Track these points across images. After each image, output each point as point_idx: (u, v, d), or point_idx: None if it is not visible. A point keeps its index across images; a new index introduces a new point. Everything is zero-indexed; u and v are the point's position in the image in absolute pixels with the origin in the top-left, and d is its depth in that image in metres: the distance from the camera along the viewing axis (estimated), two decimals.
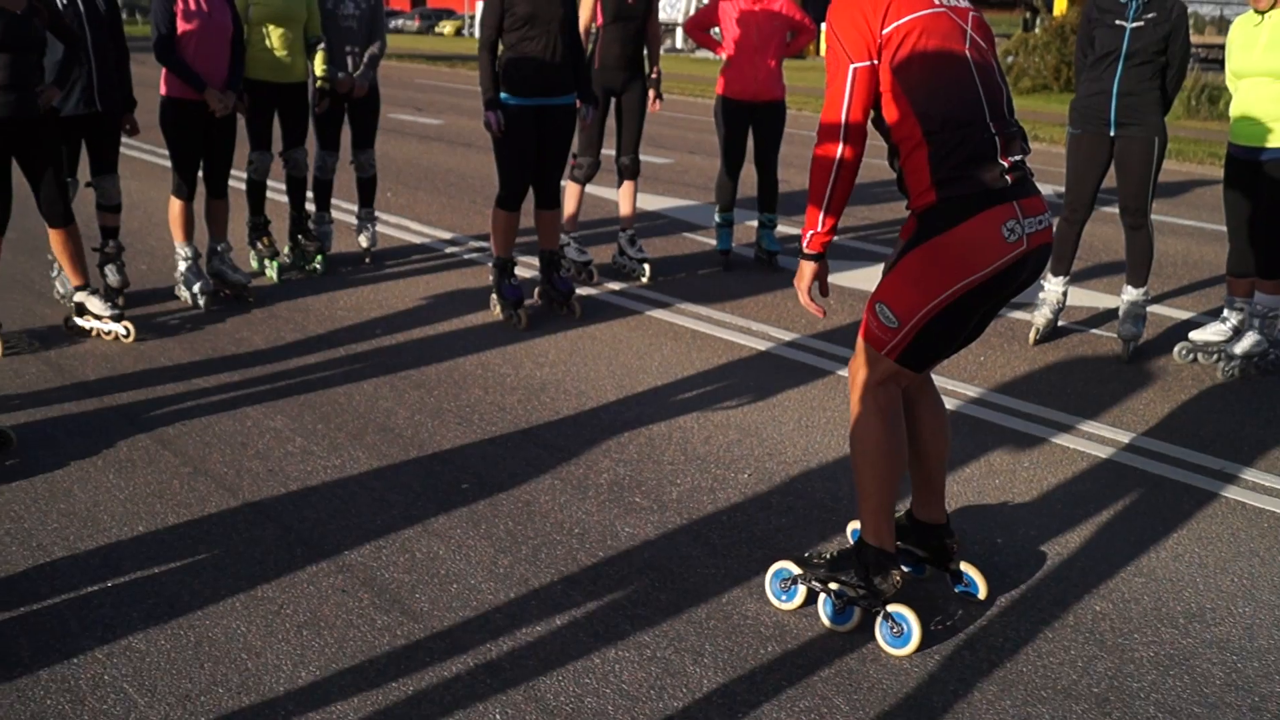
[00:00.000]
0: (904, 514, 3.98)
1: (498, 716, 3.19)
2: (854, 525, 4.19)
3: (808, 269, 3.59)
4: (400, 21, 69.11)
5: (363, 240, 8.17)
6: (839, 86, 3.36)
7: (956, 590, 3.90)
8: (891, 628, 3.55)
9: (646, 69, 7.80)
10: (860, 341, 3.59)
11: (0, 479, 4.56)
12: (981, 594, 3.87)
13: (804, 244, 3.56)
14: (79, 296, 6.31)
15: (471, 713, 3.20)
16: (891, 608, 3.56)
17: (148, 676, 3.31)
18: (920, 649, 3.52)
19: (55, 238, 6.10)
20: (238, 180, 7.52)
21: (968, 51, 3.39)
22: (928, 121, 3.34)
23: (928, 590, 3.91)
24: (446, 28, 66.30)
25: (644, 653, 3.51)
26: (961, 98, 3.35)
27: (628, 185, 7.87)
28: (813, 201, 3.46)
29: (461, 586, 3.84)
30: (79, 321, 6.34)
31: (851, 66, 3.34)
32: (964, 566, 3.90)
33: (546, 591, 3.83)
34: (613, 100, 7.67)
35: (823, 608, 3.70)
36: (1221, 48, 6.43)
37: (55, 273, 6.75)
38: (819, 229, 3.49)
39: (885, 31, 3.32)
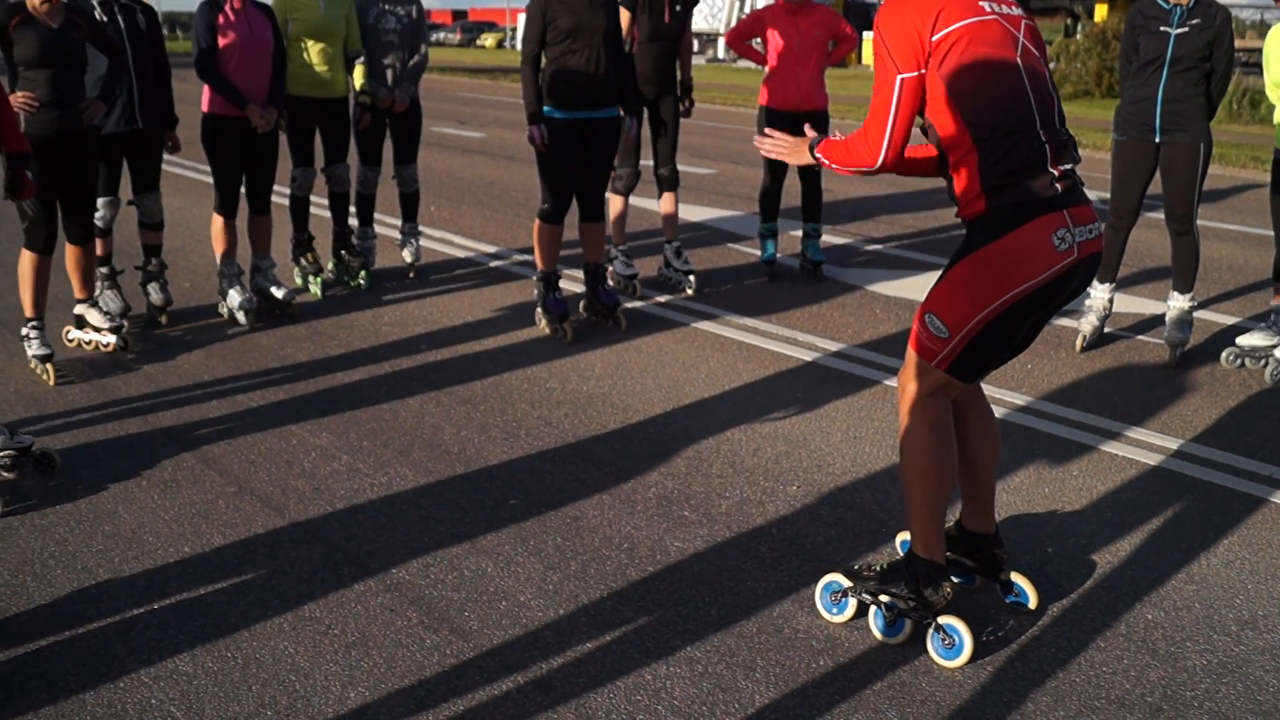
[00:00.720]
0: (953, 524, 3.94)
1: None
2: (903, 536, 4.12)
3: (801, 145, 3.69)
4: (442, 34, 69.63)
5: (406, 255, 8.15)
6: (886, 96, 3.33)
7: (1007, 601, 3.85)
8: (943, 639, 3.49)
9: (682, 77, 7.76)
10: (910, 353, 3.54)
11: (45, 501, 4.55)
12: (1032, 604, 3.82)
13: (816, 150, 3.61)
14: (79, 309, 6.33)
15: None
16: (943, 619, 3.51)
17: (195, 700, 3.28)
18: (972, 660, 3.46)
19: (72, 253, 6.12)
20: (280, 196, 7.53)
21: (1019, 59, 3.34)
22: (977, 129, 3.29)
23: (978, 601, 3.84)
24: (488, 40, 66.63)
25: (695, 669, 3.45)
26: (1012, 105, 3.29)
27: (668, 196, 7.82)
28: (839, 156, 3.52)
29: (510, 604, 3.79)
30: (80, 335, 6.35)
31: (899, 77, 3.29)
32: (1014, 576, 3.86)
33: (596, 607, 3.78)
34: (645, 112, 7.61)
35: (873, 620, 3.65)
36: (1262, 51, 6.34)
37: (98, 292, 6.75)
38: (829, 165, 3.57)
39: (935, 38, 3.27)
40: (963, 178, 3.36)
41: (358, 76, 7.32)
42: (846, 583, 3.70)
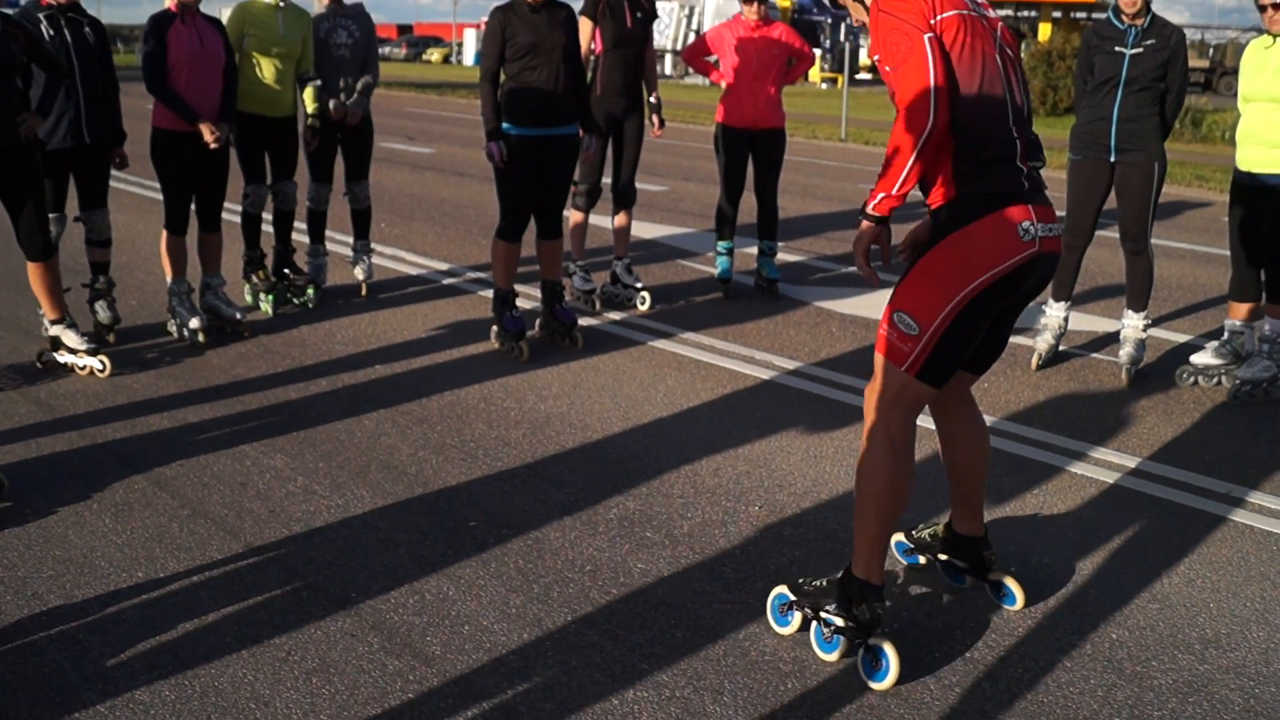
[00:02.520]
0: (944, 527, 4.03)
1: None
2: (898, 537, 4.25)
3: (869, 231, 3.52)
4: (388, 49, 69.20)
5: (359, 273, 8.07)
6: (919, 57, 3.29)
7: (996, 600, 3.95)
8: (870, 661, 3.50)
9: (645, 95, 7.75)
10: (879, 360, 3.54)
11: None
12: (1019, 603, 3.91)
13: (870, 205, 3.47)
14: (54, 330, 6.21)
15: None
16: (872, 640, 3.52)
17: None
18: (898, 683, 3.45)
19: (34, 271, 6.01)
20: (230, 214, 7.42)
21: (997, 55, 3.41)
22: (959, 118, 3.35)
23: (942, 620, 3.82)
24: (434, 55, 66.39)
25: (663, 692, 3.42)
26: (990, 100, 3.36)
27: (622, 213, 7.80)
28: (893, 166, 3.37)
29: (474, 628, 3.74)
30: (55, 356, 6.24)
31: (925, 36, 3.30)
32: (1002, 577, 3.95)
33: (561, 631, 3.73)
34: (611, 127, 7.59)
35: (812, 635, 3.66)
36: (1203, 70, 6.45)
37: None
38: (893, 192, 3.40)
39: (934, 20, 3.32)
40: (937, 163, 3.41)
41: (308, 98, 7.26)
42: (792, 596, 3.72)
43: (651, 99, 7.87)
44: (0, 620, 3.75)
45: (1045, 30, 30.43)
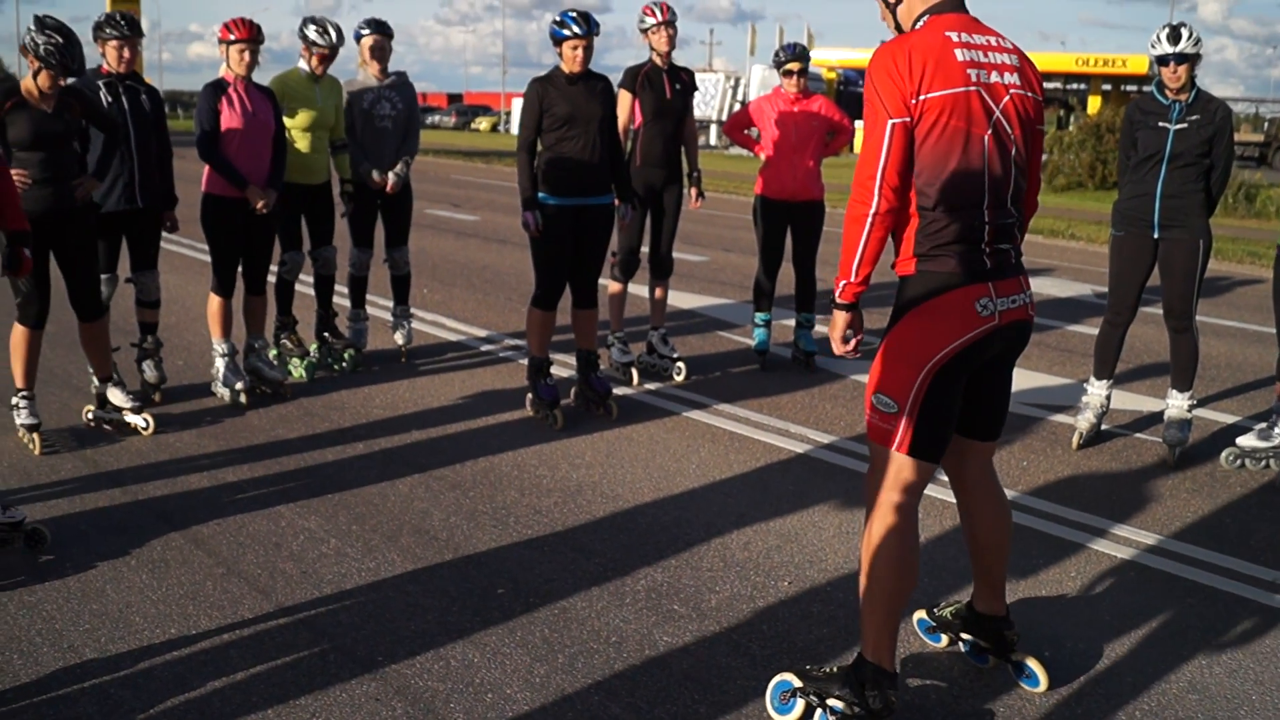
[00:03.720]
0: (965, 605, 4.02)
1: None
2: (919, 615, 4.24)
3: (840, 318, 3.60)
4: (436, 118, 70.40)
5: (399, 338, 8.19)
6: (877, 140, 3.36)
7: (1020, 681, 3.90)
8: None
9: (685, 168, 7.85)
10: (871, 447, 3.58)
11: (33, 578, 4.53)
12: (1042, 685, 3.88)
13: (836, 293, 3.56)
14: (101, 388, 6.33)
15: None
16: None
17: None
18: None
19: (85, 331, 6.14)
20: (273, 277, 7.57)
21: (987, 137, 3.39)
22: (924, 198, 3.40)
23: (969, 702, 3.80)
24: (482, 124, 67.44)
25: None
26: (964, 184, 3.38)
27: (660, 284, 7.87)
28: (846, 251, 3.46)
29: (496, 696, 3.76)
30: (99, 413, 6.34)
31: (890, 122, 3.35)
32: (1025, 658, 3.92)
33: (584, 702, 3.74)
34: (650, 198, 7.68)
35: None
36: (1257, 145, 6.41)
37: (15, 399, 6.30)
38: (852, 279, 3.48)
39: (914, 102, 3.34)
40: (900, 237, 3.49)
41: (343, 166, 7.42)
42: (797, 683, 3.68)
43: (693, 173, 7.97)
44: (36, 671, 3.81)
45: (1095, 103, 30.42)
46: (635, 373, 7.79)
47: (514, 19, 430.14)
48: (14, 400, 6.00)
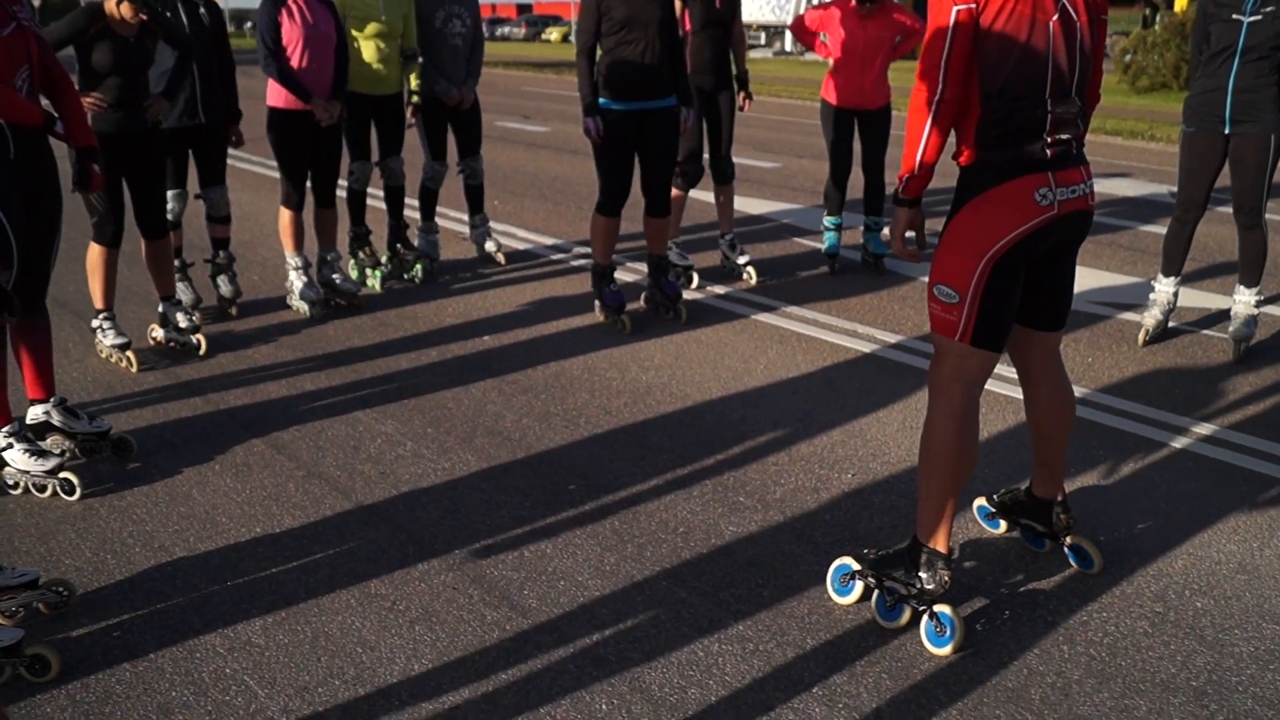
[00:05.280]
0: (1024, 490, 4.10)
1: (604, 706, 3.24)
2: (980, 502, 4.34)
3: (903, 215, 3.65)
4: (507, 29, 69.99)
5: (489, 246, 8.39)
6: (942, 27, 3.37)
7: (1074, 563, 4.00)
8: (935, 627, 3.56)
9: (737, 70, 7.83)
10: (935, 338, 3.63)
11: (122, 483, 4.73)
12: (1096, 567, 3.97)
13: (900, 188, 3.59)
14: (163, 307, 6.47)
15: (578, 702, 3.26)
16: (937, 607, 3.58)
17: (267, 670, 3.42)
18: (960, 650, 3.51)
19: (150, 249, 6.26)
20: (344, 190, 7.70)
21: (1053, 23, 3.38)
22: (987, 86, 3.40)
23: (1024, 583, 3.88)
24: (553, 34, 66.86)
25: (746, 646, 3.54)
26: (1028, 73, 3.38)
27: (723, 189, 7.89)
28: (910, 143, 3.48)
29: (568, 583, 3.90)
30: (168, 333, 6.47)
31: (956, 8, 3.35)
32: (1080, 541, 4.00)
33: (651, 587, 3.87)
34: (701, 104, 7.68)
35: (875, 604, 3.73)
36: None
37: (97, 321, 6.40)
38: (916, 172, 3.52)
39: None
40: (962, 127, 3.50)
41: (413, 77, 7.48)
42: (856, 566, 3.78)
43: (740, 75, 7.94)
44: (130, 570, 4.01)
45: (1180, 2, 29.47)
46: (695, 275, 7.84)
47: None
48: (97, 323, 6.19)
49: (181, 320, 6.40)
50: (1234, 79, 6.01)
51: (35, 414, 4.93)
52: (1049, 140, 3.42)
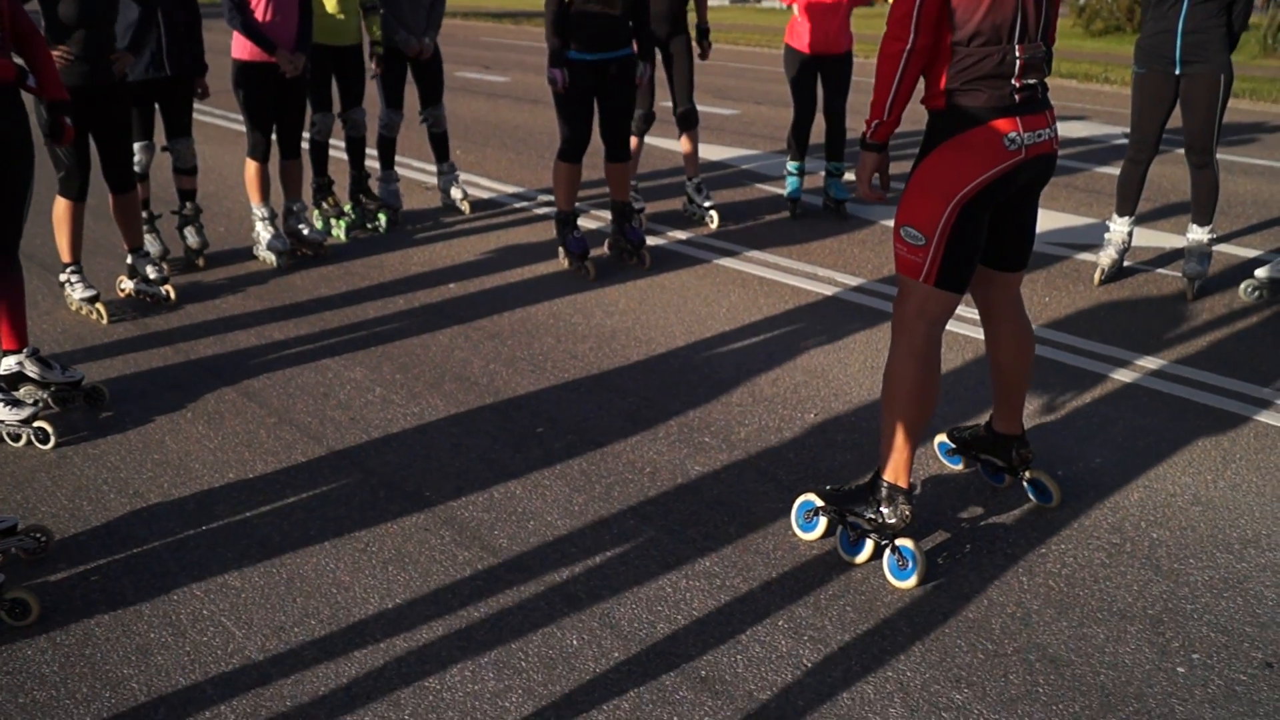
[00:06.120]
0: (984, 426, 4.21)
1: (574, 641, 3.34)
2: (941, 438, 4.46)
3: (869, 159, 3.71)
4: None
5: (455, 194, 8.44)
6: None
7: (1032, 497, 4.10)
8: (897, 560, 3.66)
9: (698, 20, 7.87)
10: (899, 279, 3.70)
11: (96, 432, 4.78)
12: (1054, 500, 4.08)
13: (868, 134, 3.66)
14: (131, 259, 6.50)
15: (549, 638, 3.35)
16: (899, 541, 3.68)
17: (244, 611, 3.50)
18: (922, 583, 3.62)
19: (117, 202, 6.28)
20: (307, 141, 7.70)
21: None
22: (958, 32, 3.47)
23: (984, 517, 4.00)
24: None
25: (713, 582, 3.64)
26: (998, 16, 3.44)
27: (686, 135, 7.94)
28: (879, 89, 3.54)
29: (538, 523, 3.99)
30: (137, 285, 6.50)
31: None
32: (1039, 475, 4.11)
33: (619, 526, 3.97)
34: (658, 53, 7.71)
35: (839, 539, 3.83)
36: None
37: (65, 275, 6.46)
38: (885, 118, 3.58)
39: None
40: (932, 73, 3.56)
41: (374, 27, 7.49)
42: (819, 502, 3.88)
43: (701, 27, 7.99)
44: (106, 515, 4.08)
45: None
46: (644, 219, 7.88)
47: None
48: (64, 276, 6.21)
49: (150, 272, 6.42)
50: (1183, 21, 6.09)
51: (9, 364, 4.97)
52: (1017, 85, 3.49)
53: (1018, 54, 3.47)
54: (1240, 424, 4.78)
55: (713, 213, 8.00)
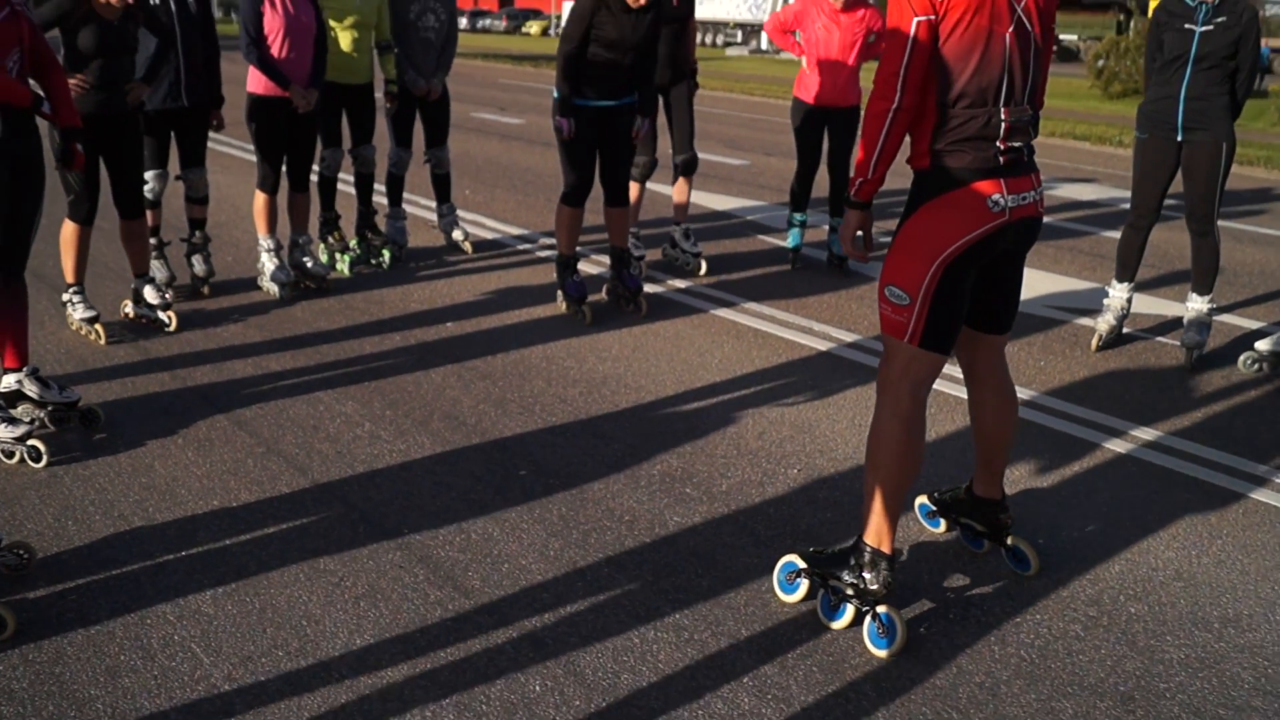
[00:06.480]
0: (964, 489, 4.20)
1: (537, 688, 3.36)
2: (921, 500, 4.44)
3: (853, 216, 3.75)
4: (488, 21, 70.17)
5: (457, 235, 8.53)
6: (901, 39, 3.46)
7: (1011, 565, 4.10)
8: (878, 628, 3.64)
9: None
10: (885, 338, 3.73)
11: (88, 453, 4.84)
12: (1033, 569, 4.06)
13: (852, 191, 3.69)
14: (135, 284, 6.58)
15: (513, 682, 3.38)
16: (880, 608, 3.66)
17: (214, 638, 3.54)
18: (902, 651, 3.60)
19: (125, 228, 6.40)
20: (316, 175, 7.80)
21: (1009, 34, 3.49)
22: (944, 94, 3.51)
23: (961, 583, 4.02)
24: (533, 28, 67.13)
25: (681, 635, 3.66)
26: (984, 79, 3.48)
27: (682, 182, 8.04)
28: (865, 148, 3.58)
29: (512, 566, 4.02)
30: (139, 309, 6.60)
31: (915, 19, 3.44)
32: (1018, 542, 4.10)
33: (593, 574, 4.00)
34: (660, 100, 7.79)
35: (820, 603, 3.82)
36: None
37: (68, 295, 6.53)
38: (869, 175, 3.61)
39: None
40: (918, 132, 3.59)
41: (388, 66, 7.62)
42: (801, 564, 3.86)
43: (688, 68, 8.08)
44: (89, 536, 4.13)
45: (1153, 7, 29.73)
46: (644, 268, 7.94)
47: None
48: (66, 296, 6.32)
49: (153, 297, 6.50)
50: (1186, 87, 6.15)
51: (8, 382, 5.07)
52: (1002, 147, 3.53)
53: (1003, 116, 3.51)
54: (1230, 499, 4.77)
55: (701, 260, 8.09)
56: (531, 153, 14.48)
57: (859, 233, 3.79)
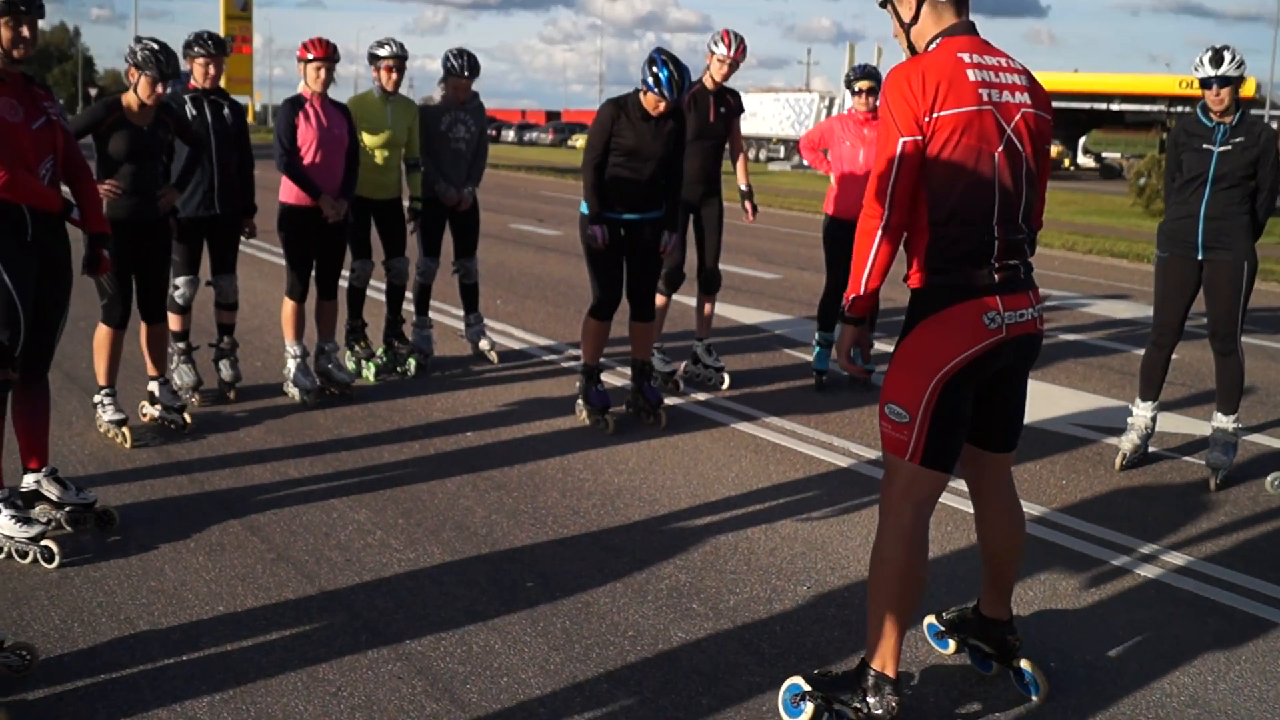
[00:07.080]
0: (971, 609, 4.14)
1: None
2: (929, 620, 4.36)
3: (848, 332, 3.77)
4: (535, 134, 71.63)
5: (483, 345, 8.63)
6: (889, 156, 3.52)
7: (1020, 689, 4.01)
8: None
9: (740, 183, 8.20)
10: (886, 456, 3.71)
11: (100, 555, 4.89)
12: (1042, 694, 3.97)
13: (846, 307, 3.72)
14: (153, 386, 6.69)
15: None
16: None
17: None
18: None
19: (148, 332, 6.54)
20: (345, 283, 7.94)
21: (998, 154, 3.52)
22: (936, 212, 3.54)
23: (969, 708, 3.96)
24: (579, 141, 68.20)
25: None
26: (975, 200, 3.51)
27: (707, 298, 8.11)
28: (856, 264, 3.61)
29: (511, 680, 4.00)
30: (150, 409, 6.69)
31: (901, 140, 3.50)
32: (1026, 665, 4.01)
33: (593, 690, 3.97)
34: (690, 216, 7.92)
35: None
36: None
37: (173, 365, 7.08)
38: (861, 293, 3.63)
39: (928, 119, 3.48)
40: (912, 250, 3.63)
41: (415, 183, 7.82)
42: (806, 686, 3.80)
43: (743, 186, 8.25)
44: (94, 639, 4.15)
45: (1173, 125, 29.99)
46: (680, 382, 8.03)
47: (615, 38, 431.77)
48: (98, 398, 6.43)
49: (167, 398, 6.60)
50: (1205, 207, 6.18)
51: (28, 482, 5.15)
52: (996, 265, 3.54)
53: (996, 235, 3.53)
54: (1251, 624, 4.68)
55: (724, 374, 8.13)
56: (566, 264, 14.66)
57: (854, 347, 3.80)
